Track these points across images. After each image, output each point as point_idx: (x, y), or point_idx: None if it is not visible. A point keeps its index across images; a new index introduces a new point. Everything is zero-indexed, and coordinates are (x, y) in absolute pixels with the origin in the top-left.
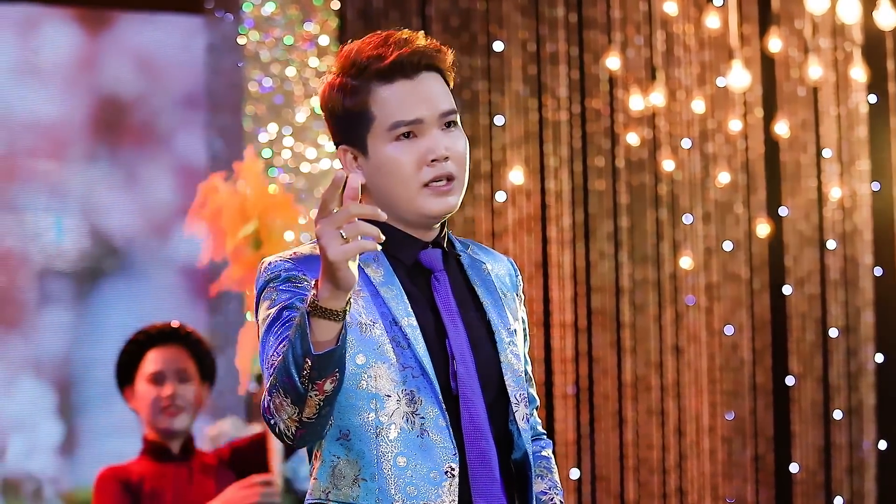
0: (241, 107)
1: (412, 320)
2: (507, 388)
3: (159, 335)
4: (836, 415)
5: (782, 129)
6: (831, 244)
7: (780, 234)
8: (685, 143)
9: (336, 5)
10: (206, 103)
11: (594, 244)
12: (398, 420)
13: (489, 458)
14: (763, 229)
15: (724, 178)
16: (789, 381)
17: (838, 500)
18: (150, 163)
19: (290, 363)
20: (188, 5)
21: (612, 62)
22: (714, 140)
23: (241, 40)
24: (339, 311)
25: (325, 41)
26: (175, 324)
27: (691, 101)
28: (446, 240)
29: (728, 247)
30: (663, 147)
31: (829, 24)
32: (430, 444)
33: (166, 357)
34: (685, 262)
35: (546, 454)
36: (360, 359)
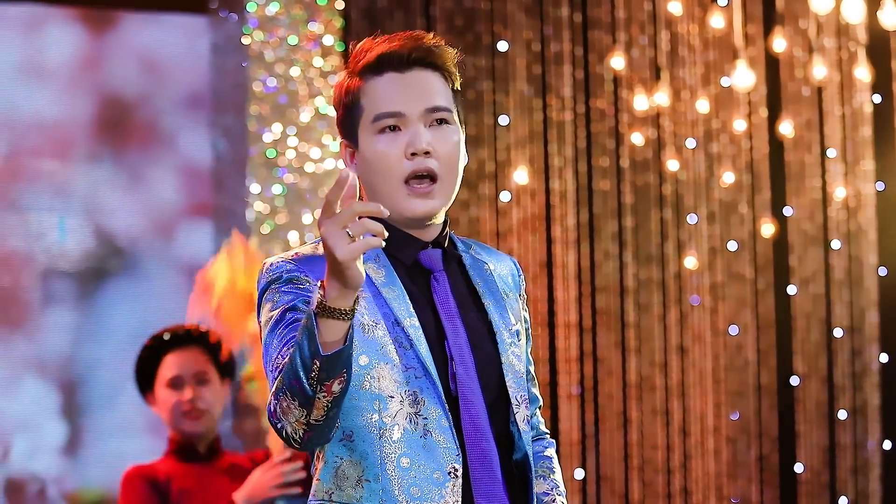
0: (245, 107)
1: (414, 321)
2: (508, 390)
3: (174, 339)
4: (841, 415)
5: (787, 128)
6: (836, 244)
7: (784, 233)
8: (689, 143)
9: (340, 5)
10: (211, 103)
11: (599, 244)
12: (401, 421)
13: (490, 459)
14: (767, 229)
15: (728, 177)
16: (794, 381)
17: (843, 500)
18: (154, 163)
19: (297, 365)
20: (192, 5)
21: (617, 62)
22: (718, 140)
23: (246, 40)
24: (347, 311)
25: (329, 41)
26: (189, 325)
27: (696, 101)
28: (447, 239)
29: (732, 247)
30: (668, 147)
31: (834, 23)
32: (434, 444)
33: (183, 361)
34: (690, 262)
35: (549, 454)
36: (363, 360)
